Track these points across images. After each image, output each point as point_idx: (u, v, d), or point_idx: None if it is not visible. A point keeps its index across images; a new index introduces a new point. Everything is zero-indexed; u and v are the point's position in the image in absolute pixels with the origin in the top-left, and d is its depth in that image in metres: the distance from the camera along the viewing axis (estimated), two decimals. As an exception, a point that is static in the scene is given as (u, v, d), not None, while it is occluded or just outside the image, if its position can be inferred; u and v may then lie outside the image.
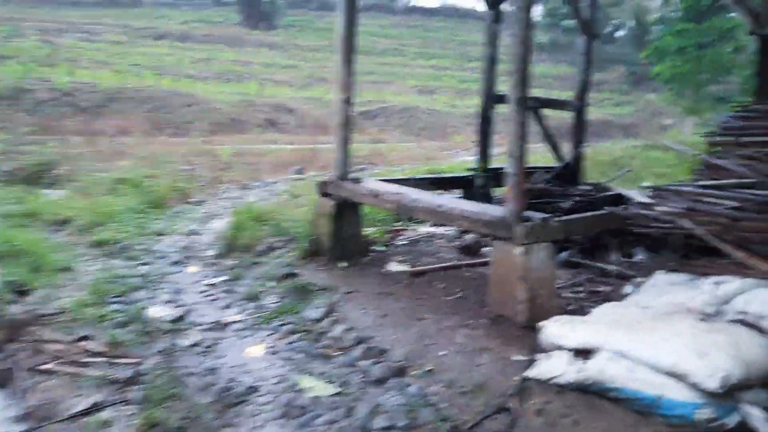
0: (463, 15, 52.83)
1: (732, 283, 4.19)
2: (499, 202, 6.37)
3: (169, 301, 5.23)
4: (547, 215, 4.94)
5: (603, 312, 4.37)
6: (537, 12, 51.97)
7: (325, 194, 6.29)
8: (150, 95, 21.87)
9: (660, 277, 4.80)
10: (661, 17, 29.13)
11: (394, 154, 17.74)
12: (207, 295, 5.47)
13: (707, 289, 4.24)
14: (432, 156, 18.21)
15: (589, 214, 5.39)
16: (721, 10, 20.23)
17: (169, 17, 44.85)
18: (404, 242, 7.03)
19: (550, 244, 4.89)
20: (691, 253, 5.65)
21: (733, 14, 19.78)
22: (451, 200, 6.02)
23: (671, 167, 18.03)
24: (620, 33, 47.33)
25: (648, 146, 23.11)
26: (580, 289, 5.57)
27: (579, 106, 8.42)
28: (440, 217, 5.44)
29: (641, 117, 32.95)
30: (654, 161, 20.74)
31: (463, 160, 16.79)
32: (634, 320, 3.96)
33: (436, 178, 7.60)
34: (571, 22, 37.56)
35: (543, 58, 43.64)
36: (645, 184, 8.85)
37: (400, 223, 7.63)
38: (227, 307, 5.22)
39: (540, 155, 14.65)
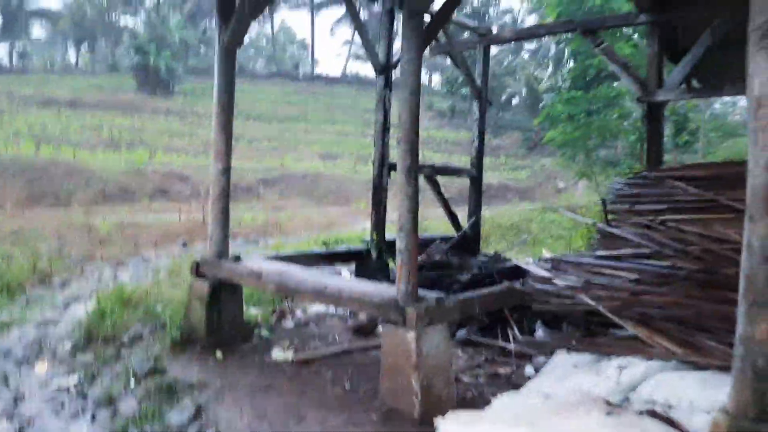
0: (365, 83, 53.80)
1: (637, 367, 3.86)
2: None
3: (3, 414, 4.35)
4: (442, 294, 4.51)
5: (503, 404, 3.92)
6: (435, 80, 53.77)
7: (200, 275, 5.63)
8: (27, 165, 20.37)
9: (562, 358, 4.45)
10: (551, 86, 30.50)
11: (294, 222, 17.16)
12: (54, 402, 4.62)
13: (612, 375, 3.89)
14: (333, 223, 17.77)
15: (486, 290, 5.02)
16: (606, 79, 21.27)
17: (59, 84, 43.00)
18: (292, 324, 6.41)
19: (446, 326, 4.45)
20: (593, 327, 5.38)
21: (616, 83, 20.85)
22: (340, 280, 5.52)
23: (567, 230, 18.39)
24: (515, 100, 49.44)
25: (544, 209, 23.68)
26: (480, 371, 5.14)
27: (475, 173, 8.24)
28: (327, 299, 4.92)
29: (536, 180, 34.07)
30: (550, 224, 21.17)
31: (364, 227, 16.47)
32: (536, 415, 3.53)
33: (328, 253, 7.11)
34: (468, 90, 38.87)
35: (443, 123, 44.84)
36: (543, 252, 8.70)
37: (288, 302, 7.01)
38: (76, 415, 4.40)
39: (439, 221, 14.50)
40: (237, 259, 5.67)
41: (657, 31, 6.82)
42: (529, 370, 4.96)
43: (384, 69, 7.21)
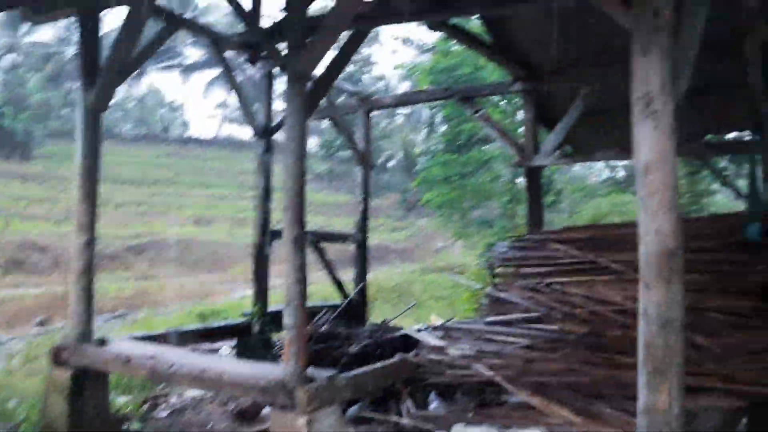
0: (239, 145, 53.05)
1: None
2: (281, 350, 5.56)
3: None
4: (333, 372, 4.23)
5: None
6: (313, 143, 54.08)
7: (60, 362, 4.99)
8: None
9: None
10: (426, 149, 31.45)
11: (165, 292, 16.20)
12: None
13: (514, 448, 3.75)
14: (209, 292, 16.94)
15: (379, 365, 4.79)
16: (477, 143, 22.17)
17: None
18: (167, 413, 5.83)
19: (339, 407, 4.17)
20: (489, 396, 5.26)
21: (487, 147, 21.77)
22: (220, 361, 5.10)
23: (449, 290, 18.66)
24: (392, 163, 50.55)
25: (425, 270, 24.00)
26: (375, 451, 4.86)
27: (361, 238, 8.11)
28: (206, 384, 4.52)
29: (415, 241, 34.63)
30: (432, 285, 21.42)
31: (243, 295, 15.79)
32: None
33: (205, 329, 6.61)
34: (347, 153, 39.30)
35: (322, 186, 44.87)
36: (432, 319, 8.62)
37: (162, 386, 6.40)
38: None
39: (323, 286, 14.18)
40: (102, 342, 5.08)
41: (532, 99, 7.09)
42: (425, 446, 4.73)
43: (264, 133, 6.98)
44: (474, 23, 10.86)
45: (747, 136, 7.20)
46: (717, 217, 5.94)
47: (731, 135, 7.98)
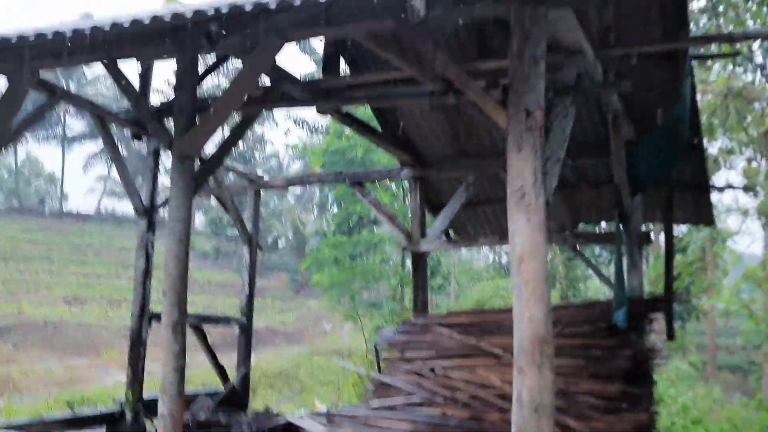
0: (121, 220, 50.94)
1: None
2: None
3: None
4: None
5: None
6: (199, 220, 52.87)
7: None
8: None
9: None
10: (316, 230, 31.56)
11: (30, 378, 14.94)
12: None
13: None
14: (79, 378, 15.78)
15: (259, 455, 4.61)
16: (368, 225, 22.51)
17: None
18: None
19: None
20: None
21: (376, 228, 22.14)
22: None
23: (337, 374, 18.37)
24: (281, 242, 50.11)
25: (312, 354, 23.60)
26: None
27: (245, 321, 7.90)
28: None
29: (304, 323, 34.11)
30: (320, 369, 21.03)
31: (116, 381, 14.81)
32: None
33: (74, 419, 6.08)
34: (234, 231, 38.64)
35: (207, 265, 43.59)
36: (316, 404, 8.43)
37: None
38: None
39: (203, 370, 13.59)
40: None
41: (418, 186, 7.36)
42: None
43: (147, 211, 6.77)
44: (365, 110, 11.25)
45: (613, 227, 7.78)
46: (588, 303, 6.31)
47: (602, 225, 8.58)
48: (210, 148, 4.70)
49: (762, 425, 8.30)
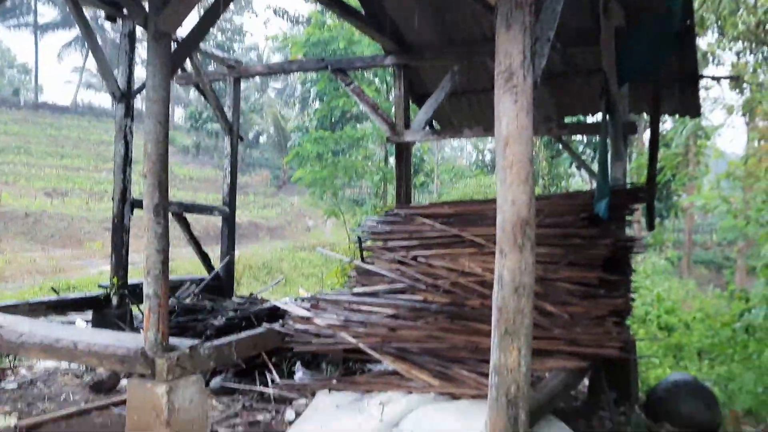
0: (99, 113, 49.87)
1: (397, 403, 3.86)
2: (141, 324, 5.35)
3: None
4: (195, 341, 4.13)
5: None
6: (179, 114, 51.91)
7: None
8: None
9: (323, 399, 4.31)
10: (298, 125, 31.18)
11: (13, 267, 15.04)
12: None
13: (374, 412, 3.83)
14: (62, 268, 15.92)
15: (244, 335, 4.72)
16: (351, 120, 22.24)
17: None
18: (15, 384, 5.45)
19: (201, 377, 4.07)
20: (353, 365, 5.37)
21: (360, 125, 21.90)
22: (75, 331, 4.81)
23: (319, 267, 18.72)
24: (263, 138, 49.60)
25: (296, 248, 23.91)
26: (237, 421, 4.80)
27: (228, 211, 7.92)
28: (60, 354, 4.27)
29: (286, 219, 34.36)
30: (302, 262, 21.41)
31: (100, 271, 14.96)
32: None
33: (58, 301, 6.18)
34: (215, 126, 38.11)
35: (187, 160, 43.26)
36: (300, 292, 8.60)
37: (11, 359, 5.97)
38: None
39: (188, 261, 13.75)
40: (-63, 314, 4.66)
41: (403, 75, 7.21)
42: (290, 414, 4.73)
43: (124, 96, 6.61)
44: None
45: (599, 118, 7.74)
46: (570, 194, 6.35)
47: (590, 118, 8.51)
48: (187, 29, 4.50)
49: (733, 314, 8.66)
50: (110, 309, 6.35)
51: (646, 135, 16.22)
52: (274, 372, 5.17)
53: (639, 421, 4.99)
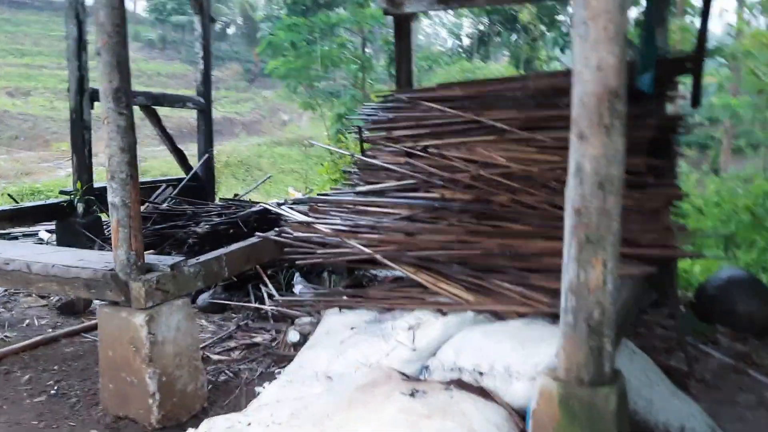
0: (58, 7, 46.69)
1: (431, 327, 3.18)
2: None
3: None
4: (178, 258, 3.40)
5: (273, 398, 3.03)
6: (141, 6, 48.92)
7: None
8: None
9: (334, 320, 3.63)
10: (268, 14, 29.39)
11: (-27, 171, 14.06)
12: None
13: (402, 338, 3.17)
14: (28, 171, 14.94)
15: (235, 247, 3.98)
16: (323, 6, 20.81)
17: None
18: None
19: (188, 299, 3.38)
20: (360, 274, 4.69)
21: (336, 9, 20.48)
22: (30, 250, 4.06)
23: (299, 163, 17.90)
24: (231, 30, 47.13)
25: (273, 143, 22.96)
26: (232, 344, 4.18)
27: (203, 103, 7.01)
28: (10, 280, 3.51)
29: (261, 113, 33.09)
30: (282, 157, 20.54)
31: (69, 173, 14.03)
32: (320, 410, 2.70)
33: (14, 210, 5.34)
34: (180, 18, 35.98)
35: (154, 55, 41.06)
36: (290, 192, 7.84)
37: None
38: None
39: (161, 161, 12.83)
40: None
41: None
42: (293, 335, 4.06)
43: (72, -33, 5.52)
44: None
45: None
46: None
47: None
48: None
49: (756, 195, 8.14)
50: (76, 218, 5.55)
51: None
52: (270, 285, 4.51)
53: (692, 326, 4.43)
